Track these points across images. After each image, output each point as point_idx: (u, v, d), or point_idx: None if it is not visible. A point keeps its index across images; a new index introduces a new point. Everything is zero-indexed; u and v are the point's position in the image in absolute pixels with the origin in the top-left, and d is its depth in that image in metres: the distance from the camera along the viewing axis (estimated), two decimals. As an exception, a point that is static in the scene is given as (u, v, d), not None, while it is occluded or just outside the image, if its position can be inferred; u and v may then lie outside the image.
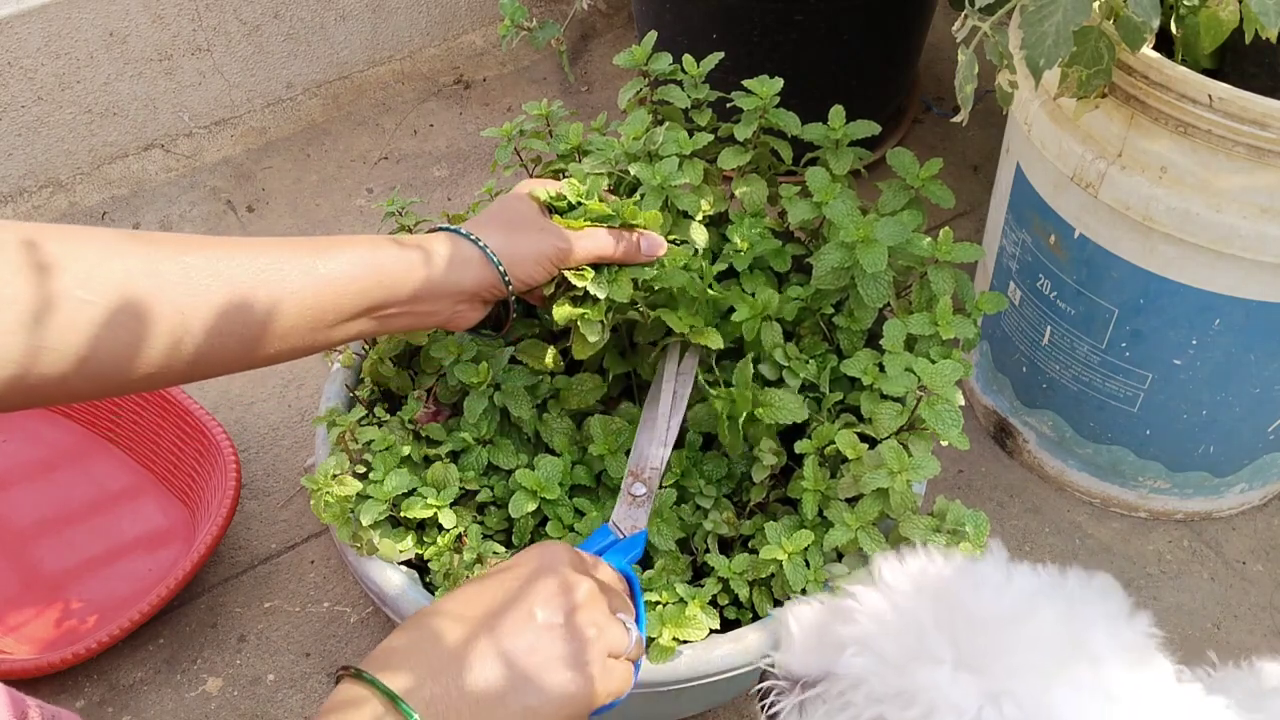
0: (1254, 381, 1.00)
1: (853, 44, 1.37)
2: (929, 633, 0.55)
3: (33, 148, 1.50)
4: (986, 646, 0.54)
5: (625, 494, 0.84)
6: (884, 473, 0.78)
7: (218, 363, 0.67)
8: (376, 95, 1.69)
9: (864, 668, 0.56)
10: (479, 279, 0.78)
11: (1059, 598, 0.56)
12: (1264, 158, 0.84)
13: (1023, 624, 0.55)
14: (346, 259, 0.71)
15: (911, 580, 0.59)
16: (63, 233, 0.61)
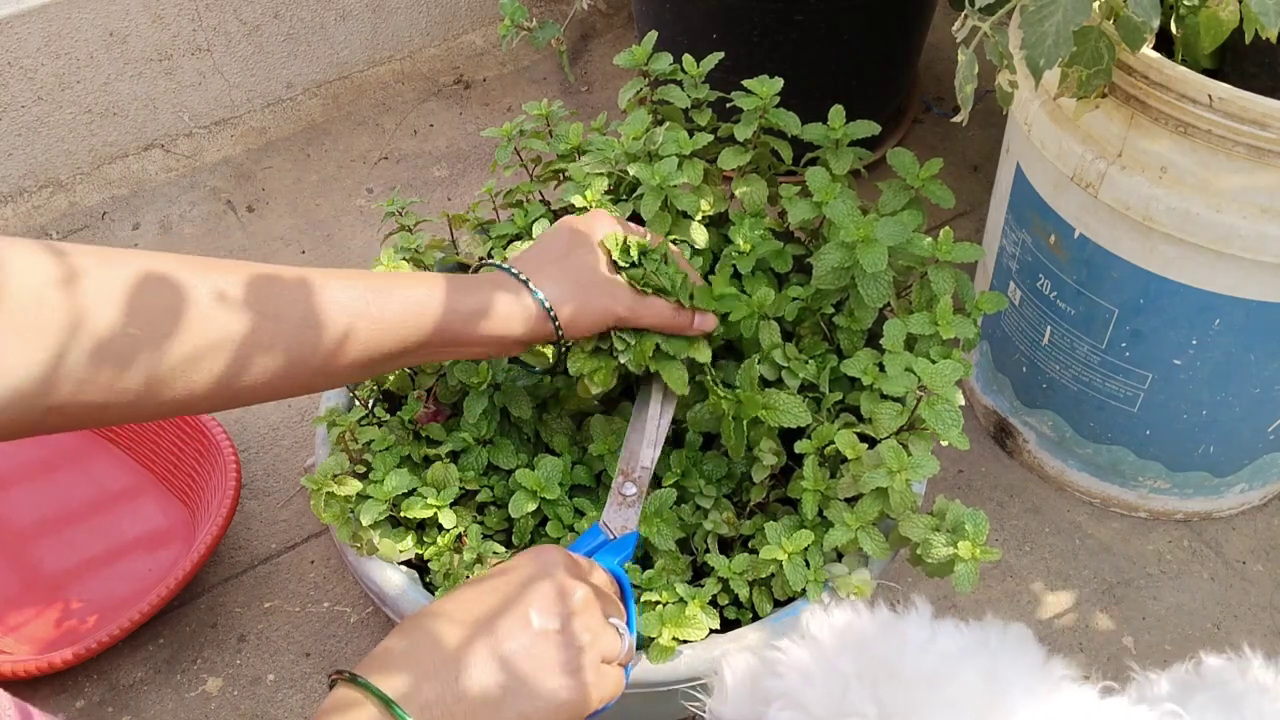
0: (1254, 381, 1.00)
1: (853, 44, 1.37)
2: (852, 688, 0.56)
3: (33, 148, 1.50)
4: (908, 705, 0.55)
5: (615, 494, 0.83)
6: (883, 472, 0.78)
7: (262, 392, 0.67)
8: (376, 95, 1.69)
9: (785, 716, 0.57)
10: (533, 331, 0.77)
11: (982, 656, 0.58)
12: (1264, 158, 0.84)
13: (944, 685, 0.56)
14: (402, 300, 0.70)
15: (837, 635, 0.60)
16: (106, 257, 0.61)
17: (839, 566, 0.83)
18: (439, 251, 0.97)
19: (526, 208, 0.97)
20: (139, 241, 1.47)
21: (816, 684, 0.58)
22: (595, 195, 0.90)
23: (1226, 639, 1.09)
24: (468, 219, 1.00)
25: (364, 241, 1.47)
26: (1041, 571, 1.14)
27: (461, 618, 0.63)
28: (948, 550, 0.78)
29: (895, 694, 0.56)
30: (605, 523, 0.81)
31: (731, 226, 0.94)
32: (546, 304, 0.76)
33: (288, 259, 1.45)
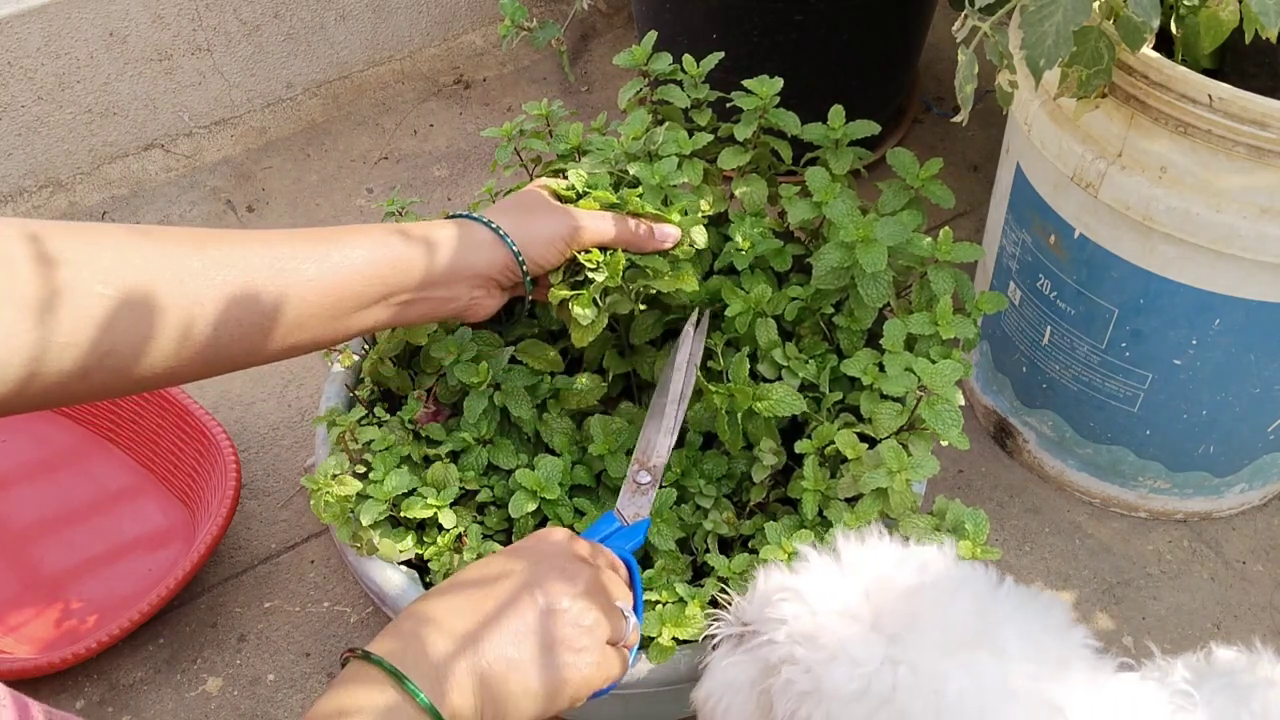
0: (1254, 381, 1.00)
1: (853, 44, 1.37)
2: (854, 593, 0.61)
3: (33, 148, 1.50)
4: (902, 617, 0.59)
5: (630, 481, 0.84)
6: (883, 472, 0.78)
7: (237, 354, 0.67)
8: (376, 95, 1.69)
9: (789, 611, 0.62)
10: (493, 260, 0.78)
11: (986, 591, 0.62)
12: (1264, 158, 0.84)
13: (940, 606, 0.60)
14: (359, 245, 0.71)
15: (859, 551, 0.64)
16: (77, 229, 0.62)
17: (839, 566, 0.83)
18: (439, 251, 0.97)
19: (526, 208, 0.97)
20: (139, 241, 1.47)
21: (823, 585, 0.62)
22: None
23: (1226, 639, 1.09)
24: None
25: (364, 241, 1.47)
26: (1041, 571, 1.14)
27: (471, 596, 0.65)
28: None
29: (894, 606, 0.60)
30: (619, 509, 0.82)
31: (731, 226, 0.94)
32: (498, 229, 0.78)
33: (288, 259, 1.45)
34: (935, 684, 0.57)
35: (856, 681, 0.58)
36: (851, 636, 0.59)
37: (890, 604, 0.60)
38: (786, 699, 0.61)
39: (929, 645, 0.58)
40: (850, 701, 0.58)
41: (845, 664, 0.58)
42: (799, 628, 0.61)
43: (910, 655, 0.58)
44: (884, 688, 0.57)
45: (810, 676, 0.60)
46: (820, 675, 0.59)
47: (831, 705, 0.58)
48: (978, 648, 0.58)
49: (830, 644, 0.59)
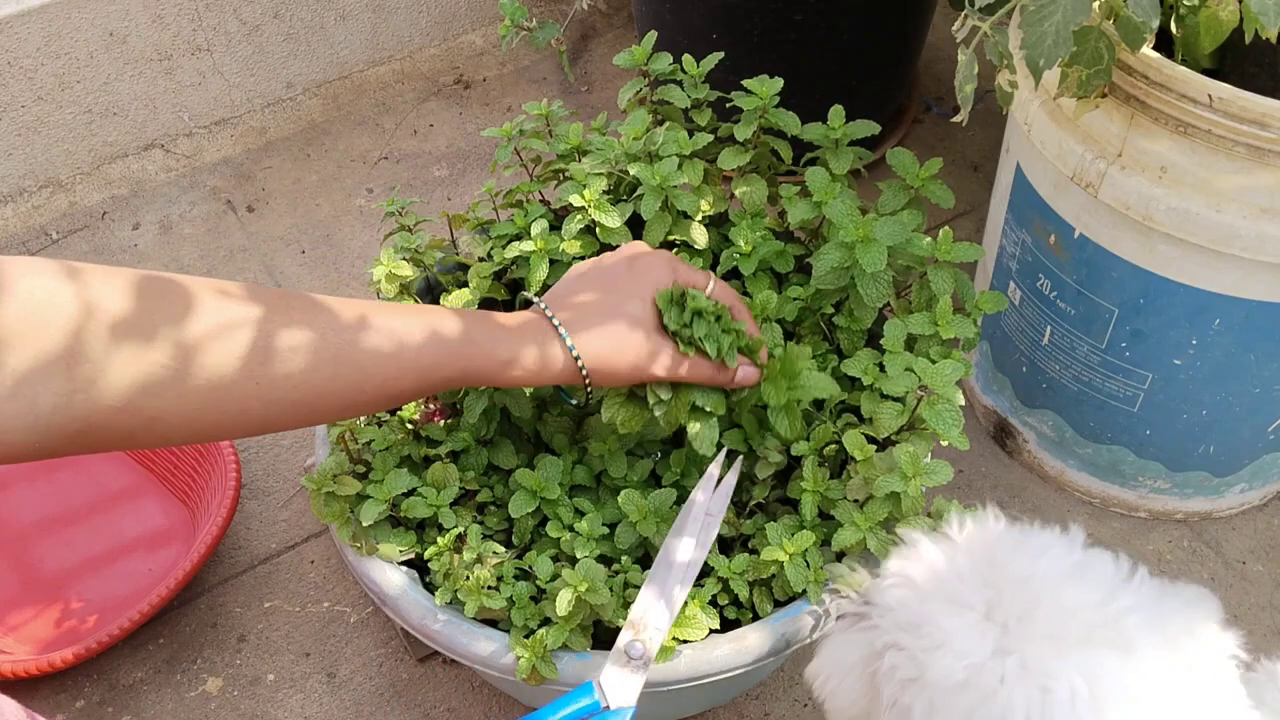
0: (1254, 381, 1.00)
1: (853, 44, 1.37)
2: (966, 579, 0.58)
3: (33, 148, 1.50)
4: (1017, 606, 0.56)
5: (619, 652, 0.74)
6: (897, 477, 0.78)
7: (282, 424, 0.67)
8: (376, 95, 1.69)
9: (897, 598, 0.60)
10: (561, 378, 0.75)
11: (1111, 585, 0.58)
12: (1264, 158, 0.84)
13: (1060, 595, 0.56)
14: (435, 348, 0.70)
15: (973, 535, 0.62)
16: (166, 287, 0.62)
17: (839, 566, 0.83)
18: (439, 251, 0.97)
19: (526, 208, 0.97)
20: (139, 241, 1.47)
21: (934, 571, 0.60)
22: (594, 195, 0.90)
23: (1226, 639, 1.09)
24: (468, 219, 1.00)
25: (364, 241, 1.47)
26: (1041, 571, 1.14)
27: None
28: None
29: (1006, 590, 0.57)
30: (601, 684, 0.71)
31: (731, 226, 0.94)
32: (579, 359, 0.74)
33: (287, 259, 1.45)
34: (1045, 681, 0.53)
35: (962, 672, 0.55)
36: (960, 626, 0.56)
37: (1005, 592, 0.57)
38: (891, 685, 0.59)
39: (1043, 638, 0.55)
40: (954, 693, 0.55)
41: (951, 654, 0.56)
42: (905, 616, 0.59)
43: (1021, 648, 0.55)
44: (990, 681, 0.54)
45: (915, 664, 0.57)
46: (925, 664, 0.57)
47: (935, 695, 0.56)
48: (1098, 644, 0.54)
49: (936, 633, 0.57)
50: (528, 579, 0.84)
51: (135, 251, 1.46)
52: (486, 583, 0.81)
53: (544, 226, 0.91)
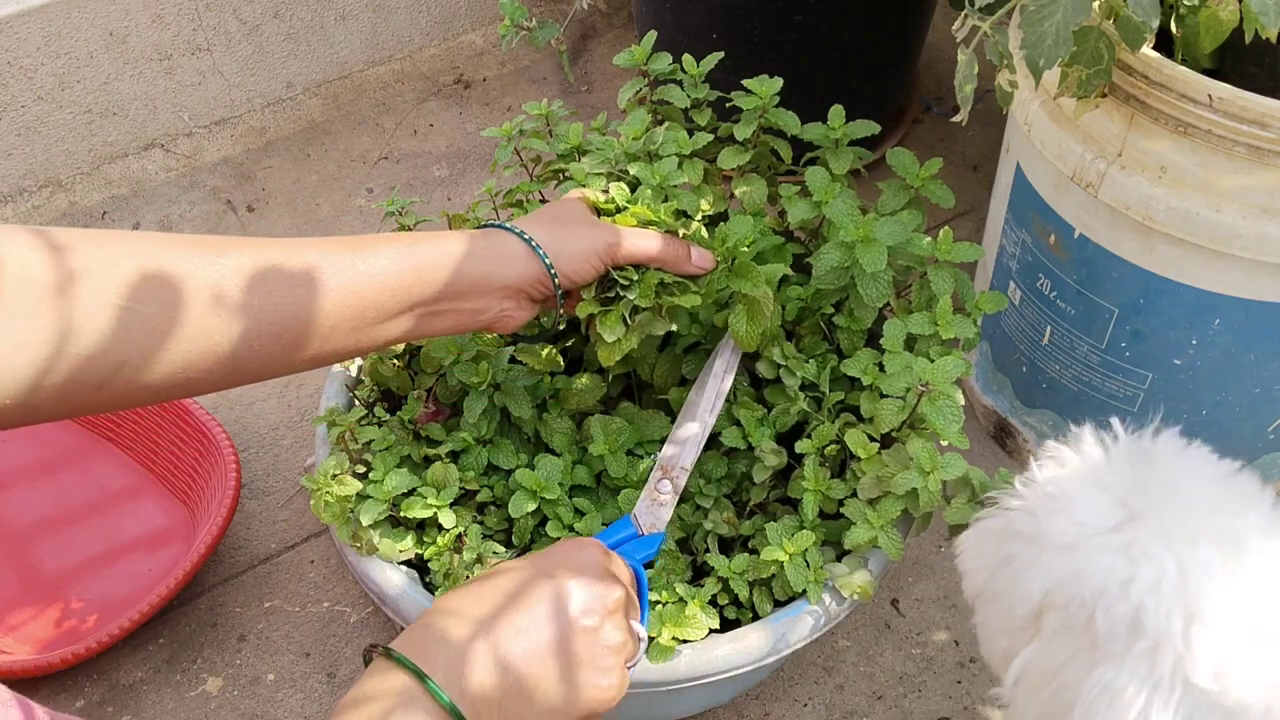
0: (1254, 381, 1.00)
1: (853, 44, 1.37)
2: (1115, 467, 0.61)
3: (33, 148, 1.50)
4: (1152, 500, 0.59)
5: (651, 489, 0.82)
6: (915, 473, 0.78)
7: (259, 365, 0.66)
8: (376, 95, 1.69)
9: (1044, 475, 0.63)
10: (524, 273, 0.75)
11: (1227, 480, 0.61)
12: (1264, 158, 0.84)
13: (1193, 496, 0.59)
14: (386, 254, 0.70)
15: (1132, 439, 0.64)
16: (92, 236, 0.60)
17: (839, 567, 0.83)
18: (439, 251, 0.97)
19: (526, 207, 0.97)
20: (139, 241, 1.47)
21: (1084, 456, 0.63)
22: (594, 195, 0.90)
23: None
24: (468, 219, 1.00)
25: (364, 241, 1.47)
26: (1041, 571, 1.14)
27: (501, 604, 0.63)
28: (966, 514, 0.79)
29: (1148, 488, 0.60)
30: (636, 516, 0.81)
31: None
32: (530, 240, 0.75)
33: (288, 259, 1.45)
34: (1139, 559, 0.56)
35: (1071, 535, 0.58)
36: (1091, 500, 0.60)
37: (1147, 485, 0.60)
38: (1007, 542, 0.62)
39: (1159, 528, 0.58)
40: (1057, 552, 0.58)
41: (1067, 519, 0.59)
42: (1048, 488, 0.62)
43: (1135, 531, 0.58)
44: (1089, 548, 0.58)
45: (1032, 522, 0.61)
46: (1042, 524, 0.60)
47: (1041, 552, 0.59)
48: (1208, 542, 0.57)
49: (1065, 501, 0.60)
50: (528, 579, 0.84)
51: (135, 251, 1.46)
52: (486, 583, 0.81)
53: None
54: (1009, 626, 0.62)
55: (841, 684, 1.06)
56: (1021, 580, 0.60)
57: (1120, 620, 0.55)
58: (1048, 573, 0.59)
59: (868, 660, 1.07)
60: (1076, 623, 0.58)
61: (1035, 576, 0.59)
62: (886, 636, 1.09)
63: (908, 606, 1.11)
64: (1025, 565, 0.60)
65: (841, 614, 0.83)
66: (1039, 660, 0.60)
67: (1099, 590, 0.56)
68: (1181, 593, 0.55)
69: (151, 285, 0.60)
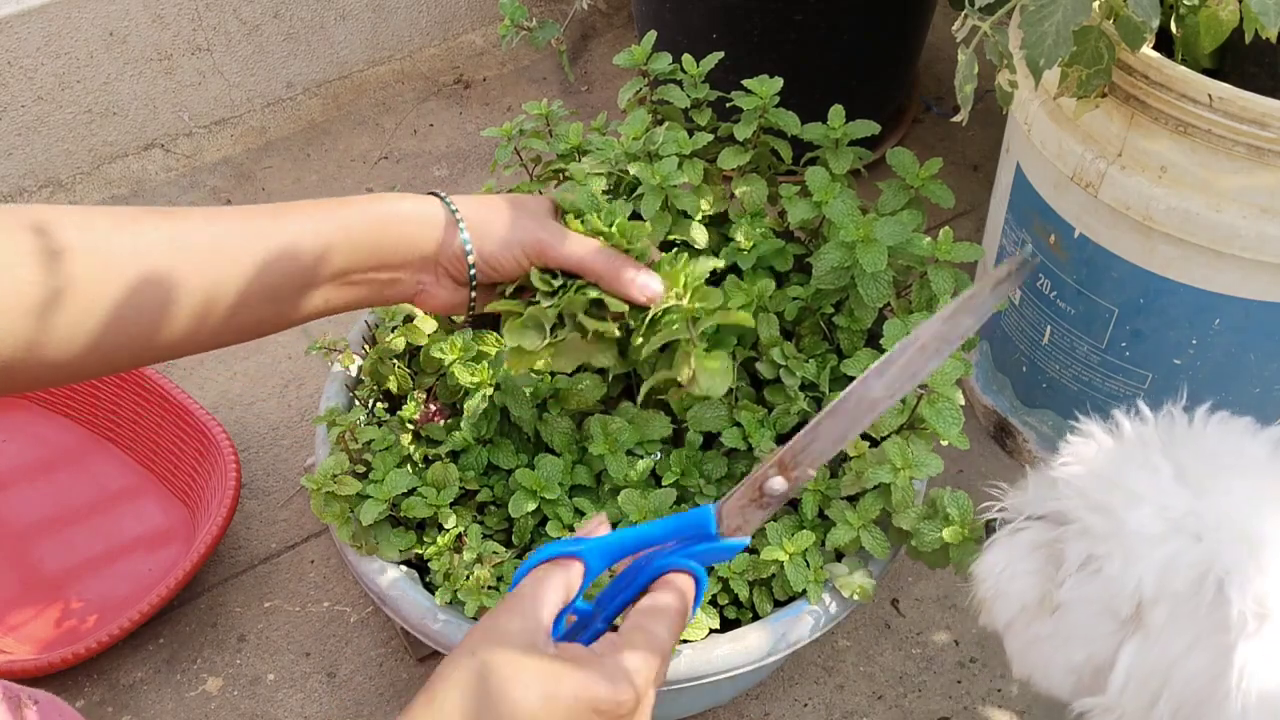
0: (1254, 381, 1.00)
1: (853, 44, 1.37)
2: (1153, 451, 0.60)
3: (33, 147, 1.50)
4: (1207, 470, 0.58)
5: (752, 484, 0.60)
6: (887, 469, 0.78)
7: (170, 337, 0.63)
8: (376, 95, 1.69)
9: (1076, 472, 0.61)
10: (441, 245, 0.70)
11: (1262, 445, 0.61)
12: (1264, 158, 0.84)
13: (1248, 459, 0.59)
14: (299, 221, 0.66)
15: (1145, 422, 0.64)
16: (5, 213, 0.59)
17: (839, 566, 0.83)
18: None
19: (526, 207, 0.97)
20: (139, 241, 1.47)
21: (1113, 447, 0.62)
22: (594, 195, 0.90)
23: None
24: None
25: (364, 241, 1.47)
26: (1041, 571, 1.14)
27: None
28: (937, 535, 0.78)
29: (1192, 459, 0.59)
30: (720, 511, 0.60)
31: (731, 226, 0.94)
32: (457, 212, 0.70)
33: (288, 259, 1.45)
34: (1245, 529, 0.56)
35: (1162, 524, 0.57)
36: (1155, 484, 0.58)
37: (1186, 457, 0.59)
38: (1080, 545, 0.59)
39: (1236, 496, 0.57)
40: (1153, 543, 0.57)
41: (1151, 506, 0.57)
42: (1094, 484, 0.60)
43: (1218, 503, 0.57)
44: (1192, 528, 0.56)
45: (1110, 518, 0.58)
46: (1121, 516, 0.58)
47: (1129, 543, 0.57)
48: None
49: (1131, 488, 0.58)
50: (528, 579, 0.84)
51: (135, 251, 1.46)
52: (486, 582, 0.81)
53: (544, 226, 0.91)
54: (1096, 633, 0.59)
55: (841, 684, 1.06)
56: (1120, 579, 0.58)
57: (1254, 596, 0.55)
58: (1152, 563, 0.57)
59: (868, 660, 1.07)
60: (1197, 608, 0.56)
61: (1137, 570, 0.57)
62: (886, 636, 1.09)
63: (908, 606, 1.11)
64: (1121, 562, 0.58)
65: (841, 614, 0.83)
66: (1149, 656, 0.58)
67: (1227, 569, 0.55)
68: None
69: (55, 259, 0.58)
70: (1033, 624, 0.63)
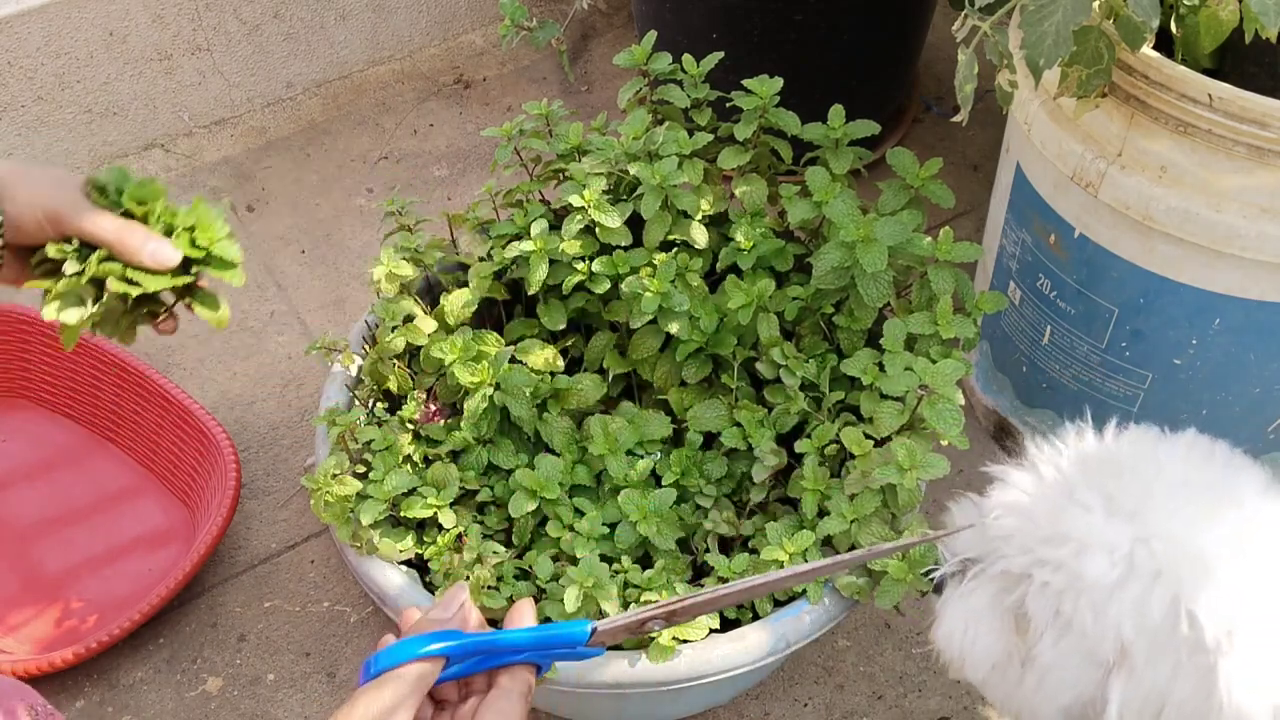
0: (1254, 381, 1.00)
1: (853, 44, 1.37)
2: (1077, 486, 0.59)
3: (33, 147, 1.50)
4: (1134, 494, 0.58)
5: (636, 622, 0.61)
6: (893, 469, 0.78)
7: None
8: (376, 95, 1.69)
9: (1012, 526, 0.60)
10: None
11: (1205, 453, 0.62)
12: (1264, 158, 0.84)
13: (1161, 474, 0.59)
14: None
15: (1059, 452, 0.63)
16: None
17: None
18: (439, 251, 0.97)
19: (526, 207, 0.97)
20: (139, 241, 1.47)
21: (1039, 491, 0.61)
22: (594, 195, 0.90)
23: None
24: (468, 219, 1.00)
25: (364, 241, 1.47)
26: (1041, 571, 1.14)
27: None
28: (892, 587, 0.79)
29: (1120, 486, 0.59)
30: (595, 629, 0.60)
31: (731, 226, 0.94)
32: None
33: (287, 258, 1.45)
34: (1193, 552, 0.56)
35: (1118, 566, 0.57)
36: (1091, 524, 0.58)
37: (1115, 482, 0.59)
38: (1043, 602, 0.59)
39: (1171, 515, 0.57)
40: (1116, 588, 0.57)
41: (1100, 551, 0.57)
42: (1031, 536, 0.60)
43: (1158, 529, 0.57)
44: (1148, 565, 0.56)
45: (1065, 573, 0.58)
46: (1076, 568, 0.57)
47: (1094, 595, 0.57)
48: (1220, 506, 0.57)
49: (1074, 536, 0.58)
50: (528, 579, 0.84)
51: (135, 251, 1.46)
52: (486, 582, 0.81)
53: (544, 226, 0.92)
54: (1080, 678, 0.60)
55: (841, 684, 1.06)
56: (1096, 631, 0.58)
57: (1222, 616, 0.55)
58: (1124, 609, 0.57)
59: (868, 660, 1.07)
60: (1173, 638, 0.56)
61: (1111, 618, 0.57)
62: (886, 636, 1.09)
63: (908, 606, 1.11)
64: (1092, 615, 0.58)
65: (841, 614, 0.83)
66: (1138, 690, 0.58)
67: (1193, 597, 0.56)
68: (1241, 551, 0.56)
69: None
70: (1007, 675, 0.63)
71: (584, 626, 0.60)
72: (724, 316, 0.90)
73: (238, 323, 1.37)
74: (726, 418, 0.89)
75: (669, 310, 0.88)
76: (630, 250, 0.91)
